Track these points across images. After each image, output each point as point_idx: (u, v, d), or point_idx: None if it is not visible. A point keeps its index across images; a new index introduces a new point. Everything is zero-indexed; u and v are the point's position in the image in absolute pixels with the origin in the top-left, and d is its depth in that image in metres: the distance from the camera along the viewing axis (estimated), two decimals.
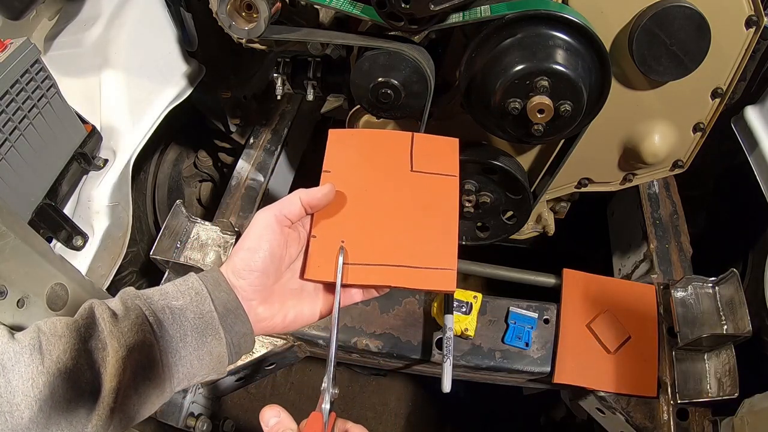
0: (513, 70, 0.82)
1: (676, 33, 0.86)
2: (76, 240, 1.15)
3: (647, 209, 1.45)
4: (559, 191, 1.21)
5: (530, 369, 1.17)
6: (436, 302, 1.19)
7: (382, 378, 1.93)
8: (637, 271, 1.42)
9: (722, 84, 0.97)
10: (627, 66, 0.94)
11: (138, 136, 1.31)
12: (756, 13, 0.89)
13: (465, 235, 1.25)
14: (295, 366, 1.90)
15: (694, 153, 1.08)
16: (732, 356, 1.09)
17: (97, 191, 1.21)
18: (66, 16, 1.34)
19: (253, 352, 1.18)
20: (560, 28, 0.82)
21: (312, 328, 1.19)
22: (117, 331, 0.55)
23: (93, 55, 1.29)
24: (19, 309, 0.69)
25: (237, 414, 1.83)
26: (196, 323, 0.59)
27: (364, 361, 1.26)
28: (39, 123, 1.06)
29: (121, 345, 0.54)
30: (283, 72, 1.15)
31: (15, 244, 0.68)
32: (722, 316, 1.13)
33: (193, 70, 1.47)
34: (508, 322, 1.19)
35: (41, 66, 1.05)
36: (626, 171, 1.14)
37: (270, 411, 0.58)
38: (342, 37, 0.91)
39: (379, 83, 0.89)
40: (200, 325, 0.59)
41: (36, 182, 1.09)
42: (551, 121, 0.85)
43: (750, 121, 1.30)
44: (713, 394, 1.09)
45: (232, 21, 0.86)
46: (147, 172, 1.62)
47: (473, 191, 1.12)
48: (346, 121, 1.15)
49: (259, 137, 1.64)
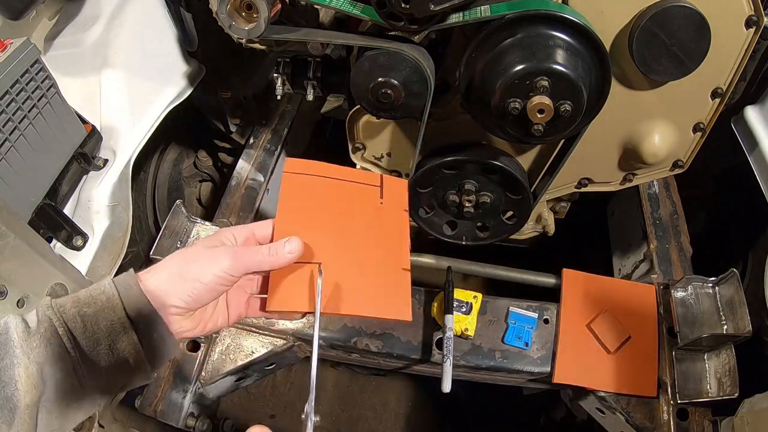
0: (513, 70, 0.82)
1: (676, 33, 0.86)
2: (76, 240, 1.15)
3: (647, 209, 1.45)
4: (559, 191, 1.21)
5: (530, 369, 1.16)
6: (436, 302, 1.19)
7: (382, 378, 1.93)
8: (637, 271, 1.42)
9: (722, 84, 0.97)
10: (627, 66, 0.94)
11: (138, 136, 1.31)
12: (756, 13, 0.89)
13: (465, 235, 1.25)
14: (295, 366, 1.90)
15: (694, 153, 1.08)
16: (732, 356, 1.09)
17: (97, 191, 1.21)
18: (66, 16, 1.34)
19: (253, 352, 1.18)
20: (560, 28, 0.82)
21: (312, 328, 1.19)
22: (27, 346, 0.54)
23: (93, 55, 1.29)
24: (19, 309, 0.70)
25: (237, 414, 1.83)
26: (108, 331, 0.57)
27: (364, 361, 1.26)
28: (39, 123, 1.06)
29: (31, 360, 0.53)
30: (283, 72, 1.15)
31: (15, 244, 0.69)
32: (722, 316, 1.13)
33: (193, 70, 1.47)
34: (508, 322, 1.19)
35: (41, 66, 1.05)
36: (626, 171, 1.14)
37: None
38: (342, 37, 0.91)
39: (379, 83, 0.89)
40: (112, 332, 0.57)
41: (36, 182, 1.09)
42: (551, 121, 0.85)
43: (750, 121, 1.30)
44: (713, 394, 1.09)
45: (232, 21, 0.86)
46: (147, 172, 1.62)
47: (473, 191, 1.12)
48: (346, 121, 1.15)
49: (259, 137, 1.64)
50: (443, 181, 1.14)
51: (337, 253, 0.68)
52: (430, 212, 1.22)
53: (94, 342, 0.56)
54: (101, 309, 0.57)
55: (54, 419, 0.55)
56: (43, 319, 0.56)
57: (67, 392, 0.56)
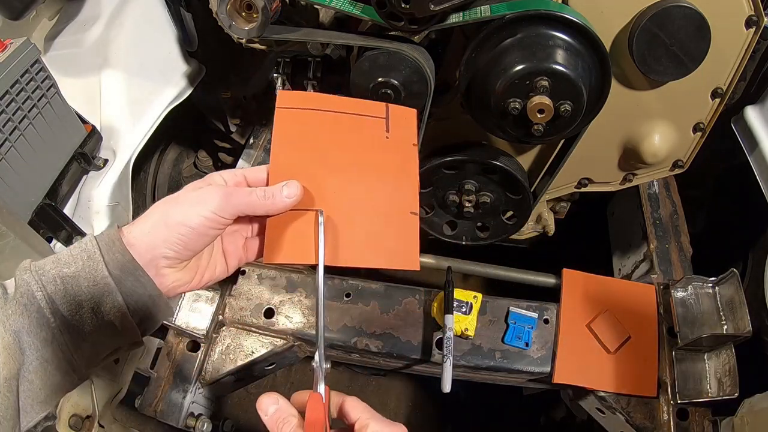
0: (513, 70, 0.82)
1: (676, 33, 0.86)
2: (76, 240, 1.15)
3: (647, 209, 1.45)
4: (559, 191, 1.21)
5: (530, 369, 1.16)
6: (436, 302, 1.19)
7: (382, 378, 1.93)
8: (637, 271, 1.42)
9: (722, 84, 0.97)
10: (627, 66, 0.94)
11: (138, 136, 1.31)
12: (756, 13, 0.89)
13: (465, 235, 1.25)
14: (295, 366, 1.90)
15: (694, 153, 1.08)
16: (732, 356, 1.09)
17: (97, 191, 1.21)
18: (66, 16, 1.34)
19: (253, 352, 1.18)
20: (560, 28, 0.82)
21: (312, 328, 1.19)
22: (2, 314, 0.50)
23: (93, 55, 1.29)
24: None
25: (237, 414, 1.82)
26: (90, 293, 0.52)
27: (364, 361, 1.26)
28: (39, 123, 1.06)
29: (7, 330, 0.49)
30: (283, 72, 1.15)
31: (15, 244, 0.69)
32: (722, 316, 1.13)
33: (193, 70, 1.47)
34: (508, 322, 1.19)
35: (41, 66, 1.05)
36: (626, 171, 1.14)
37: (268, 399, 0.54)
38: (342, 37, 0.91)
39: (379, 83, 0.89)
40: (95, 294, 0.52)
41: (36, 182, 1.09)
42: (551, 121, 0.85)
43: (750, 121, 1.30)
44: (713, 394, 1.09)
45: (232, 21, 0.86)
46: (147, 172, 1.62)
47: (473, 191, 1.12)
48: None
49: (259, 137, 1.64)
50: (443, 181, 1.14)
51: (339, 198, 0.63)
52: (430, 212, 1.22)
53: (76, 305, 0.52)
54: (82, 268, 0.53)
55: (38, 390, 0.52)
56: (20, 284, 0.51)
57: (50, 361, 0.52)
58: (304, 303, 1.22)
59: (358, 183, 0.65)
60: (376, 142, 0.68)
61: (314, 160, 0.64)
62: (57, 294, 0.52)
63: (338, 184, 0.64)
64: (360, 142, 0.67)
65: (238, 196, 0.56)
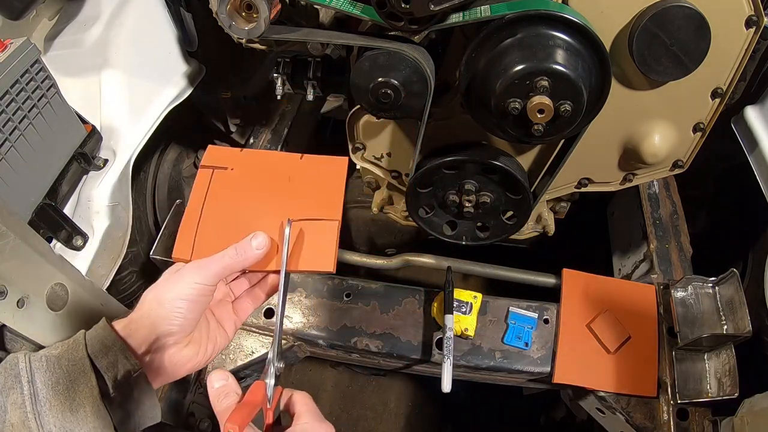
0: (513, 70, 0.82)
1: (676, 33, 0.86)
2: (76, 240, 1.15)
3: (647, 209, 1.45)
4: (559, 191, 1.21)
5: (530, 369, 1.17)
6: (436, 302, 1.19)
7: (382, 378, 1.93)
8: (637, 271, 1.42)
9: (722, 84, 0.97)
10: (627, 66, 0.94)
11: (138, 136, 1.31)
12: (756, 13, 0.89)
13: (465, 235, 1.25)
14: (295, 366, 1.90)
15: (694, 153, 1.08)
16: (732, 356, 1.09)
17: (97, 191, 1.21)
18: (66, 16, 1.34)
19: (253, 352, 1.18)
20: (560, 28, 0.82)
21: (312, 328, 1.19)
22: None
23: (93, 55, 1.29)
24: (19, 309, 0.69)
25: None
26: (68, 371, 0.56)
27: (364, 361, 1.26)
28: (39, 123, 1.06)
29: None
30: (283, 72, 1.15)
31: (15, 244, 0.68)
32: (722, 316, 1.13)
33: (193, 70, 1.47)
34: (508, 322, 1.19)
35: (41, 66, 1.05)
36: (626, 171, 1.14)
37: (218, 374, 0.60)
38: (342, 37, 0.90)
39: (379, 83, 0.89)
40: (72, 372, 0.56)
41: (36, 182, 1.09)
42: (551, 121, 0.85)
43: (750, 121, 1.30)
44: (713, 394, 1.09)
45: (232, 21, 0.86)
46: (147, 172, 1.62)
47: (473, 191, 1.12)
48: (347, 121, 1.15)
49: (259, 137, 1.64)
50: (443, 181, 1.14)
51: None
52: (430, 212, 1.22)
53: (54, 381, 0.55)
54: (66, 350, 0.57)
55: None
56: (11, 358, 0.56)
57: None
58: (304, 303, 1.22)
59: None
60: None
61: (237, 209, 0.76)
62: (40, 371, 0.55)
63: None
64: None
65: (213, 263, 0.64)
